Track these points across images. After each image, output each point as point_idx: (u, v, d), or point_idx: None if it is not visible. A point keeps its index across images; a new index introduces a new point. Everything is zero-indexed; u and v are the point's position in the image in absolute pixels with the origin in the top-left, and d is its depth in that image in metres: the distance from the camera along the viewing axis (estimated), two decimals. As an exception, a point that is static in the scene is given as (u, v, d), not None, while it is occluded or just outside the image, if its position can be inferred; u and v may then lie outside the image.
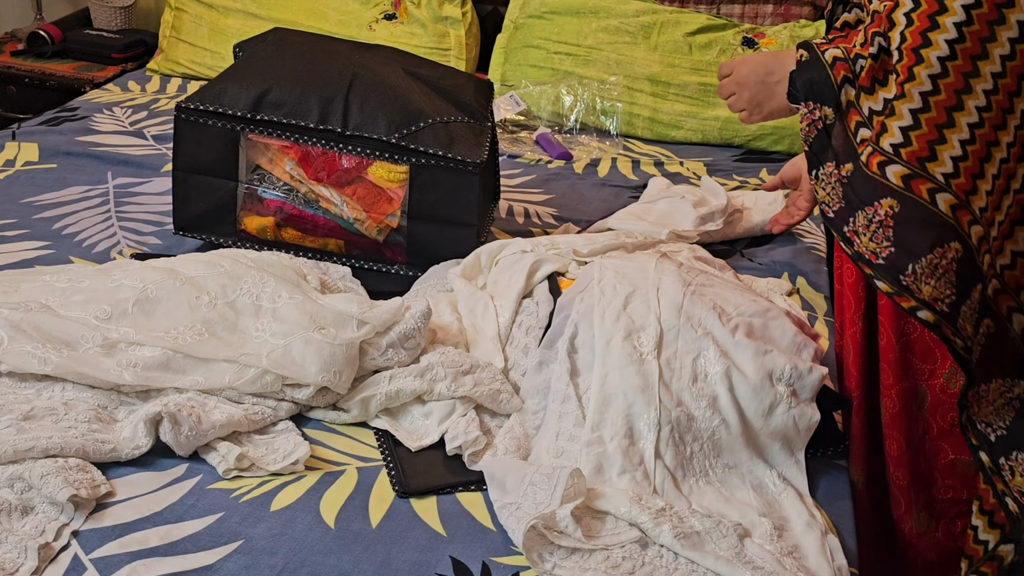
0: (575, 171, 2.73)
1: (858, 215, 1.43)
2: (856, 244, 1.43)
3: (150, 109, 2.94)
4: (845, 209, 1.45)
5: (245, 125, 2.03)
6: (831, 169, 1.48)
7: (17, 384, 1.57)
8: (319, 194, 2.05)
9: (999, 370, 1.48)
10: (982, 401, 1.49)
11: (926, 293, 1.39)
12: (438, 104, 2.08)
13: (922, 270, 1.38)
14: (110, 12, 3.54)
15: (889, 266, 1.41)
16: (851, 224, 1.44)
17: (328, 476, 1.51)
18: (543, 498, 1.39)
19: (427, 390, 1.62)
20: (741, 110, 1.75)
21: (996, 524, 1.58)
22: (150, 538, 1.36)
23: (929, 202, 1.37)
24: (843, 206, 1.44)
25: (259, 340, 1.64)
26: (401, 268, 2.07)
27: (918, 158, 1.37)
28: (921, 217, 1.38)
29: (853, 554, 1.48)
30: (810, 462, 1.61)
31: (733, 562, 1.38)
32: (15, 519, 1.35)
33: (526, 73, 3.06)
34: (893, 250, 1.40)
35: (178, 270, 1.73)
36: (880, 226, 1.40)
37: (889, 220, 1.39)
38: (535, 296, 1.82)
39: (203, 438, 1.50)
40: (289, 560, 1.35)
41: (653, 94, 2.98)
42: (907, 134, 1.38)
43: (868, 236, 1.42)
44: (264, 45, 2.19)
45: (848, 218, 1.44)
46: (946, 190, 1.37)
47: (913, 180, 1.38)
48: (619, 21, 3.05)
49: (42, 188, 2.37)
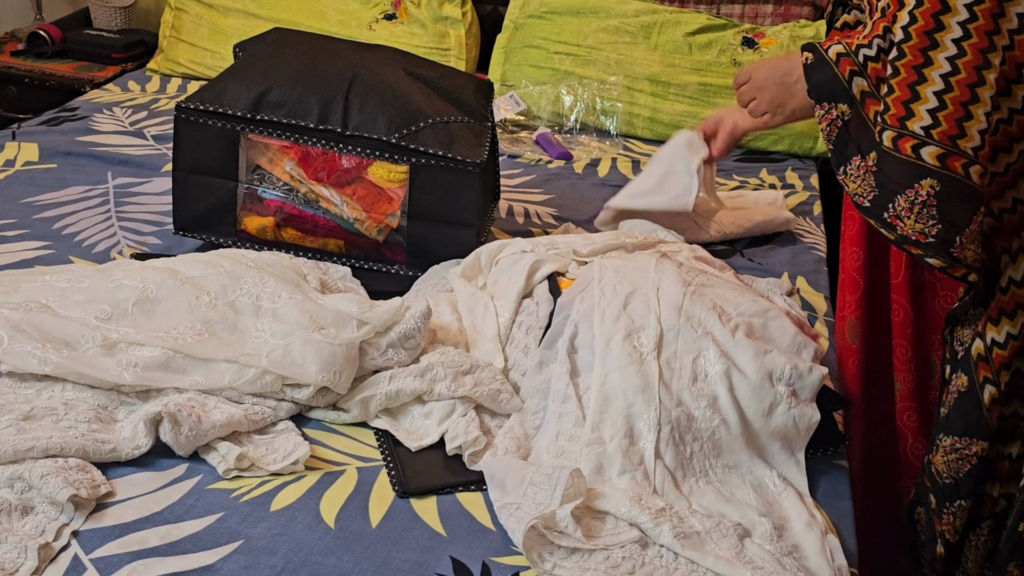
0: (575, 171, 2.73)
1: (897, 200, 1.47)
2: (900, 228, 1.48)
3: (150, 109, 2.94)
4: (880, 196, 1.49)
5: (245, 125, 2.03)
6: (858, 162, 1.52)
7: (17, 384, 1.57)
8: (319, 194, 2.05)
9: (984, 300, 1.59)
10: (964, 323, 1.60)
11: (970, 258, 1.48)
12: (438, 104, 2.08)
13: (967, 239, 1.46)
14: (110, 12, 3.54)
15: (940, 242, 1.47)
16: (891, 210, 1.48)
17: (328, 476, 1.51)
18: (543, 498, 1.39)
19: (427, 390, 1.62)
20: (764, 113, 1.78)
21: None
22: (150, 538, 1.36)
23: (964, 176, 1.44)
24: (877, 194, 1.49)
25: (259, 340, 1.64)
26: (401, 268, 2.07)
27: (949, 136, 1.44)
28: (959, 191, 1.45)
29: (853, 554, 1.48)
30: (810, 462, 1.62)
31: (733, 562, 1.38)
32: (15, 519, 1.35)
33: (526, 73, 3.06)
34: (941, 227, 1.46)
35: (178, 270, 1.73)
36: (924, 206, 1.46)
37: (932, 200, 1.45)
38: (535, 296, 1.82)
39: (203, 438, 1.50)
40: (289, 560, 1.35)
41: (653, 94, 2.98)
42: (935, 115, 1.44)
43: (913, 218, 1.47)
44: (264, 45, 2.19)
45: (887, 204, 1.49)
46: (976, 162, 1.44)
47: (948, 158, 1.44)
48: (619, 21, 3.05)
49: (42, 188, 2.37)
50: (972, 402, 1.59)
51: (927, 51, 1.44)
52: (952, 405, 1.60)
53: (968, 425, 1.60)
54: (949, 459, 1.62)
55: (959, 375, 1.59)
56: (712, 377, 1.59)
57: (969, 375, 1.57)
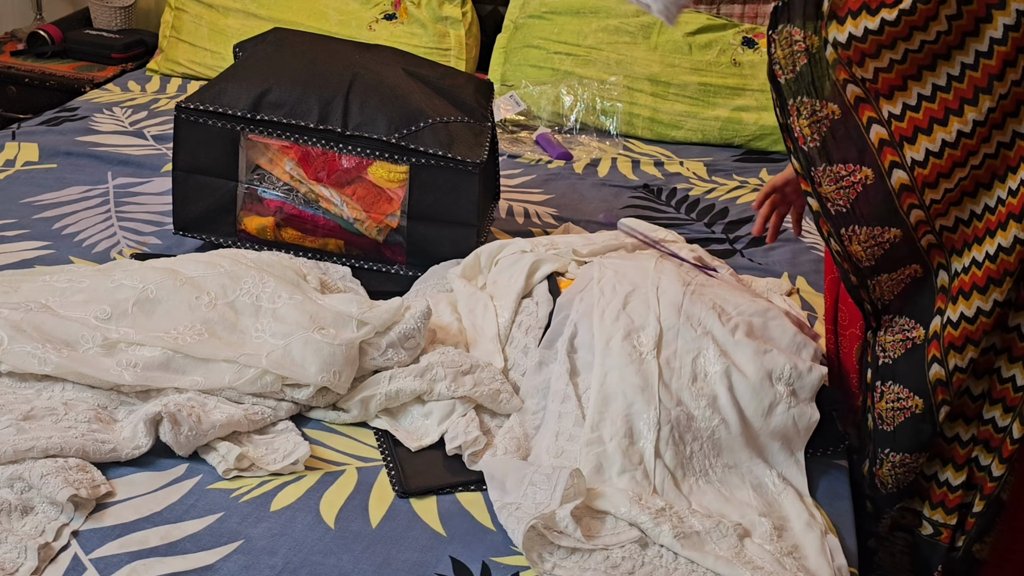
0: (575, 171, 2.73)
1: (807, 99, 1.51)
2: (792, 119, 1.52)
3: (150, 109, 2.94)
4: (796, 82, 1.51)
5: (245, 125, 2.03)
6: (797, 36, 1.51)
7: (17, 384, 1.57)
8: (319, 194, 2.05)
9: (911, 310, 1.58)
10: (888, 329, 1.60)
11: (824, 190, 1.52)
12: (438, 104, 2.08)
13: (828, 173, 1.51)
14: (110, 12, 3.54)
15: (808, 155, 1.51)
16: (797, 100, 1.51)
17: (328, 476, 1.51)
18: (543, 498, 1.39)
19: (427, 390, 1.62)
20: None
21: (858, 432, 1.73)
22: (150, 538, 1.36)
23: (866, 127, 1.48)
24: (794, 76, 1.51)
25: (259, 340, 1.64)
26: (401, 268, 2.07)
27: (902, 135, 1.46)
28: (852, 126, 1.48)
29: (853, 554, 1.48)
30: (810, 462, 1.62)
31: (733, 562, 1.38)
32: (15, 519, 1.35)
33: (526, 73, 3.06)
34: (818, 144, 1.51)
35: (178, 270, 1.73)
36: (819, 122, 1.50)
37: (827, 122, 1.50)
38: (535, 296, 1.82)
39: (203, 438, 1.50)
40: (289, 560, 1.35)
41: (653, 94, 2.97)
42: (906, 111, 1.46)
43: (808, 123, 1.51)
44: (264, 45, 2.19)
45: (797, 95, 1.51)
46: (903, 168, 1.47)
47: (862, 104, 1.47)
48: (619, 21, 3.05)
49: (42, 188, 2.37)
50: (928, 422, 1.60)
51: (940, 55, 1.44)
52: (901, 423, 1.61)
53: (922, 443, 1.61)
54: (897, 472, 1.64)
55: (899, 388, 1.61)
56: (712, 376, 1.59)
57: (925, 398, 1.58)
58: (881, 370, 1.61)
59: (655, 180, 2.70)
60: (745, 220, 2.47)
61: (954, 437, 1.62)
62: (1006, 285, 1.48)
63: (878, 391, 1.62)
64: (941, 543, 1.68)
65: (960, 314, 1.51)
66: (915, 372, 1.58)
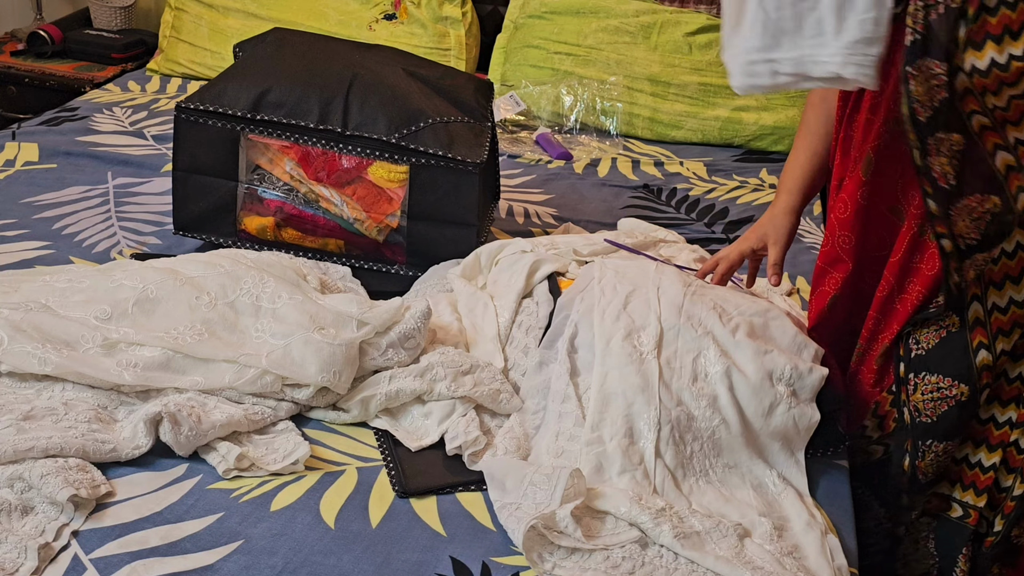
0: (575, 171, 2.73)
1: (942, 135, 1.46)
2: (932, 157, 1.47)
3: (150, 109, 2.94)
4: (935, 119, 1.46)
5: (245, 125, 2.03)
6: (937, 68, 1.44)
7: (17, 384, 1.57)
8: (319, 194, 2.05)
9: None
10: (923, 323, 1.61)
11: (960, 228, 1.49)
12: (438, 104, 2.08)
13: (965, 207, 1.48)
14: (110, 12, 3.54)
15: (948, 193, 1.48)
16: (936, 138, 1.46)
17: (328, 476, 1.51)
18: (543, 498, 1.39)
19: (427, 390, 1.62)
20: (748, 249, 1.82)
21: (880, 427, 1.71)
22: (150, 538, 1.36)
23: (991, 153, 1.45)
24: (932, 115, 1.46)
25: (259, 340, 1.64)
26: (401, 268, 2.07)
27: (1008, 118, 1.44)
28: (979, 157, 1.45)
29: (853, 554, 1.48)
30: (810, 462, 1.62)
31: (733, 562, 1.38)
32: (15, 519, 1.35)
33: (526, 73, 3.06)
34: (955, 184, 1.48)
35: (178, 270, 1.73)
36: (953, 156, 1.46)
37: (958, 155, 1.46)
38: (535, 296, 1.82)
39: (203, 438, 1.50)
40: (289, 560, 1.35)
41: (653, 94, 2.98)
42: None
43: (948, 159, 1.47)
44: (264, 45, 2.19)
45: (936, 132, 1.47)
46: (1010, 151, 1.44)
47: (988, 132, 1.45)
48: (619, 21, 3.05)
49: (42, 188, 2.37)
50: (971, 407, 1.59)
51: None
52: (944, 412, 1.61)
53: (963, 428, 1.61)
54: (939, 460, 1.64)
55: (937, 378, 1.60)
56: (712, 377, 1.59)
57: (971, 384, 1.58)
58: (914, 363, 1.62)
59: (655, 180, 2.70)
60: (745, 220, 2.47)
61: (989, 418, 1.63)
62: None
63: (911, 383, 1.62)
64: (968, 525, 1.68)
65: (1009, 299, 1.54)
66: (952, 359, 1.59)
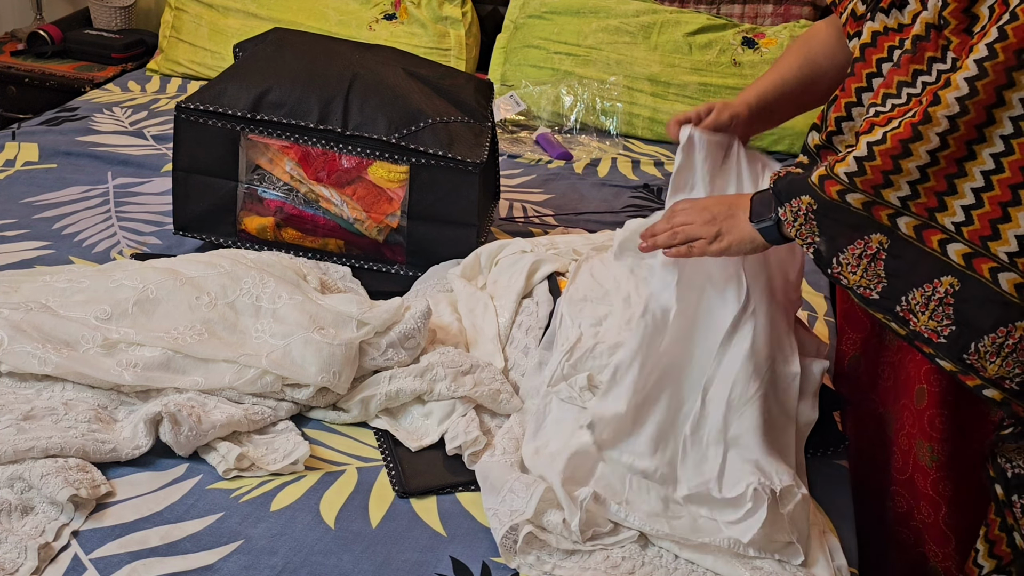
0: (575, 171, 2.73)
1: (913, 292, 1.37)
2: (913, 323, 1.38)
3: (150, 109, 2.94)
4: (892, 287, 1.38)
5: (245, 125, 2.03)
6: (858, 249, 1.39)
7: (17, 384, 1.57)
8: (319, 194, 2.05)
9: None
10: (1005, 440, 1.48)
11: (991, 372, 1.36)
12: (438, 104, 2.08)
13: (985, 349, 1.35)
14: (110, 12, 3.54)
15: (951, 344, 1.36)
16: (905, 303, 1.38)
17: (328, 476, 1.51)
18: (519, 505, 1.39)
19: (427, 390, 1.62)
20: (697, 238, 1.53)
21: (995, 555, 1.58)
22: (150, 538, 1.36)
23: (991, 281, 1.33)
24: (887, 285, 1.38)
25: (259, 340, 1.64)
26: (401, 268, 2.07)
27: (980, 236, 1.33)
28: (983, 296, 1.34)
29: (853, 554, 1.48)
30: (810, 462, 1.61)
31: (733, 562, 1.38)
32: (15, 519, 1.35)
33: (526, 73, 3.06)
34: (955, 328, 1.35)
35: (178, 270, 1.73)
36: (940, 304, 1.35)
37: (949, 298, 1.35)
38: (535, 296, 1.82)
39: (203, 438, 1.50)
40: (289, 560, 1.35)
41: (653, 94, 2.98)
42: (969, 212, 1.33)
43: (927, 315, 1.37)
44: (264, 45, 2.19)
45: (900, 297, 1.38)
46: (1011, 270, 1.32)
47: (975, 259, 1.33)
48: (619, 21, 3.05)
49: (42, 188, 2.37)
50: None
51: (972, 144, 1.32)
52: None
53: None
54: (1020, 444, 1.49)
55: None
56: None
57: None
58: (1014, 482, 1.48)
59: (655, 180, 2.70)
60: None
61: None
62: None
63: (1017, 506, 1.48)
64: None
65: None
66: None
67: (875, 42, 1.52)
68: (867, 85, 1.52)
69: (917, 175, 1.33)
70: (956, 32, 1.41)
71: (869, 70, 1.52)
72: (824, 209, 1.39)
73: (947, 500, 1.62)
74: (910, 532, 1.69)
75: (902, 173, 1.33)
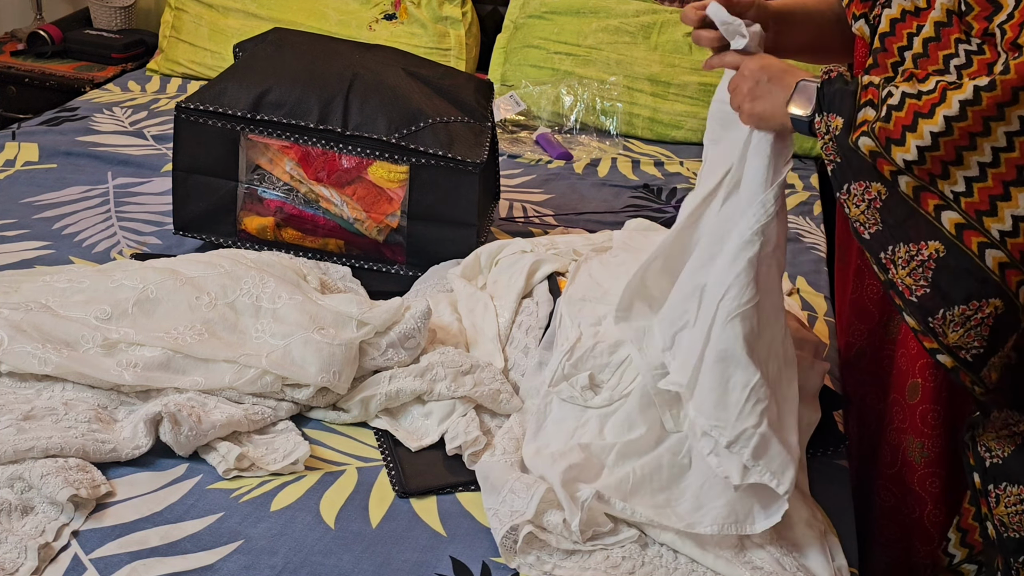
0: (575, 171, 2.73)
1: (899, 247, 1.38)
2: (892, 273, 1.39)
3: (150, 109, 2.94)
4: (883, 234, 1.39)
5: (245, 125, 2.03)
6: (861, 188, 1.40)
7: (17, 384, 1.57)
8: (319, 194, 2.05)
9: (1011, 402, 1.46)
10: (987, 426, 1.48)
11: (951, 339, 1.37)
12: (438, 104, 2.08)
13: (952, 318, 1.36)
14: (110, 12, 3.54)
15: (920, 306, 1.37)
16: (889, 252, 1.39)
17: (328, 476, 1.51)
18: (520, 506, 1.39)
19: (427, 390, 1.62)
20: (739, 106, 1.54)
21: (967, 543, 1.59)
22: (150, 538, 1.36)
23: (977, 255, 1.34)
24: (880, 230, 1.39)
25: (259, 340, 1.64)
26: (401, 268, 2.07)
27: (977, 210, 1.34)
28: (964, 267, 1.35)
29: (853, 554, 1.48)
30: (810, 462, 1.61)
31: (733, 562, 1.38)
32: (15, 519, 1.35)
33: (526, 73, 3.06)
34: (928, 291, 1.36)
35: (178, 270, 1.73)
36: (921, 265, 1.37)
37: (931, 263, 1.36)
38: (535, 296, 1.82)
39: (203, 438, 1.50)
40: (289, 560, 1.35)
41: (653, 94, 2.97)
42: (971, 184, 1.34)
43: (907, 271, 1.38)
44: (264, 45, 2.19)
45: (887, 245, 1.39)
46: (998, 247, 1.33)
47: (966, 231, 1.34)
48: (619, 21, 3.05)
49: (42, 188, 2.37)
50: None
51: (990, 120, 1.30)
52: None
53: None
54: (1000, 435, 1.49)
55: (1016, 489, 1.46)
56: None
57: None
58: (991, 471, 1.48)
59: (655, 180, 2.70)
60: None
61: None
62: None
63: (992, 495, 1.49)
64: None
65: None
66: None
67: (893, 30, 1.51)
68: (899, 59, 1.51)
69: (928, 141, 1.33)
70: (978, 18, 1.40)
71: (893, 60, 1.52)
72: (844, 140, 1.40)
73: (933, 497, 1.63)
74: (896, 528, 1.69)
75: (915, 133, 1.33)
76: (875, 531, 1.73)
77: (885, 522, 1.71)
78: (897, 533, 1.69)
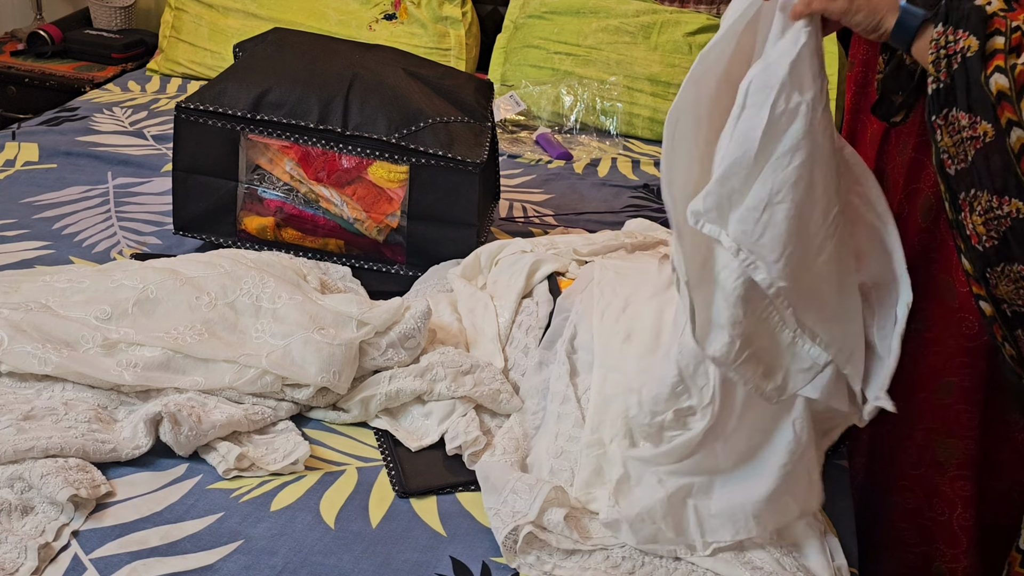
0: (575, 171, 2.73)
1: (983, 193, 1.33)
2: (964, 215, 1.35)
3: (150, 109, 2.94)
4: (970, 175, 1.33)
5: (245, 125, 2.03)
6: (965, 120, 1.31)
7: (17, 384, 1.57)
8: (319, 194, 2.05)
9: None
10: None
11: (1000, 291, 1.36)
12: (438, 104, 2.08)
13: (1009, 272, 1.35)
14: (110, 12, 3.54)
15: (984, 255, 1.35)
16: (970, 194, 1.34)
17: (328, 476, 1.51)
18: (522, 506, 1.39)
19: (427, 390, 1.62)
20: None
21: None
22: (150, 538, 1.36)
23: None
24: (966, 169, 1.33)
25: (259, 340, 1.64)
26: (401, 268, 2.07)
27: None
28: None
29: (853, 554, 1.48)
30: (810, 462, 1.61)
31: (733, 562, 1.38)
32: (15, 519, 1.35)
33: (526, 73, 3.06)
34: (997, 244, 1.34)
35: (178, 270, 1.73)
36: (998, 219, 1.33)
37: (1008, 220, 1.32)
38: (535, 296, 1.82)
39: (203, 438, 1.50)
40: (289, 560, 1.35)
41: (653, 94, 2.98)
42: None
43: (982, 220, 1.34)
44: (264, 45, 2.19)
45: (971, 188, 1.34)
46: None
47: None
48: (619, 21, 3.05)
49: (42, 188, 2.37)
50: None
51: None
52: None
53: None
54: None
55: None
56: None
57: None
58: None
59: (655, 180, 2.70)
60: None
61: None
62: None
63: None
64: None
65: None
66: None
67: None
68: None
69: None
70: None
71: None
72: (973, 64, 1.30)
73: (963, 499, 1.61)
74: (915, 530, 1.68)
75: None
76: (889, 532, 1.71)
77: (904, 524, 1.69)
78: (916, 536, 1.67)
